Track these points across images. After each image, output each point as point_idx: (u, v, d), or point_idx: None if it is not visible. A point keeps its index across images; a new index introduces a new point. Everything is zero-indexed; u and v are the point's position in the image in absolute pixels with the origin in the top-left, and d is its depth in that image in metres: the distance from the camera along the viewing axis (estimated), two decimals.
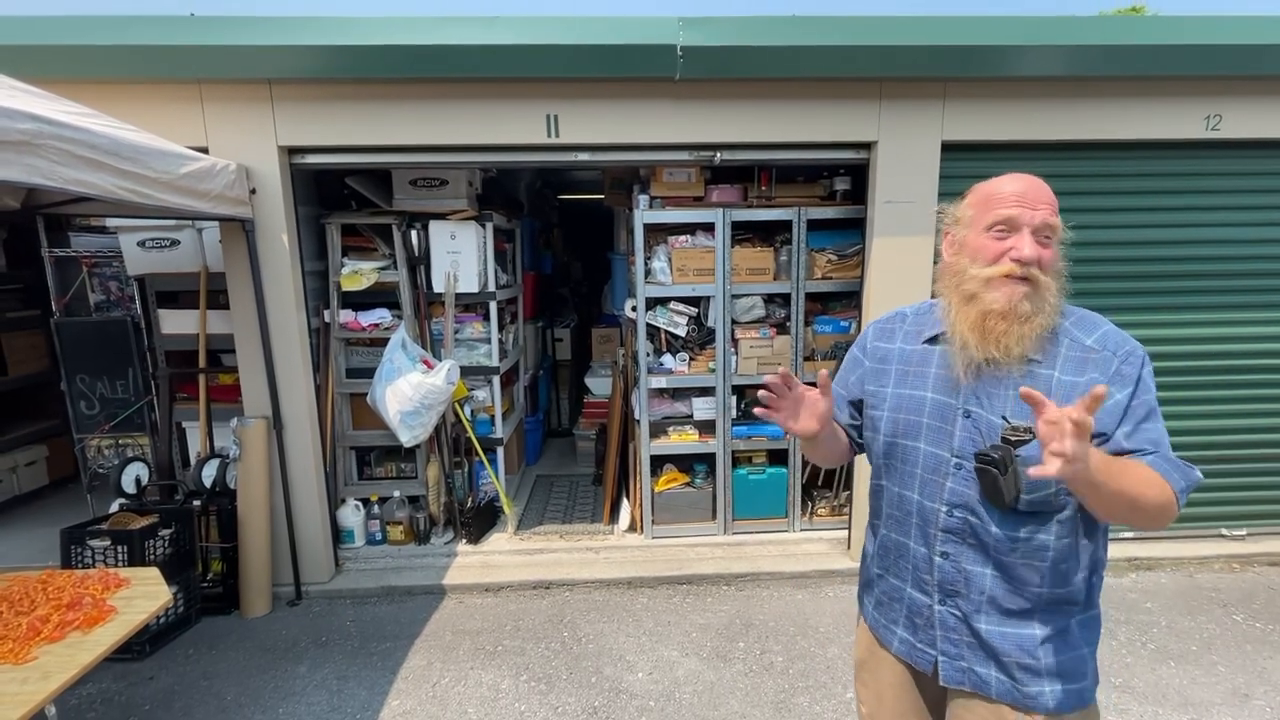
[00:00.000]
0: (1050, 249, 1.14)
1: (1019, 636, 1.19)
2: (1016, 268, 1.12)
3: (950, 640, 1.25)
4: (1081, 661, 1.21)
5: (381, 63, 2.89)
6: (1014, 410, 1.14)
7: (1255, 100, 3.19)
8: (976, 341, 1.15)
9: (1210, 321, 3.48)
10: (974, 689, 1.24)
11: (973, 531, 1.20)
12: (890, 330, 1.37)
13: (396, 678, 2.71)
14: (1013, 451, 1.10)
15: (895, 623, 1.35)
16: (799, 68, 2.97)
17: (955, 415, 1.21)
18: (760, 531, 3.79)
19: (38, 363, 4.63)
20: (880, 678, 1.40)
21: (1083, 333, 1.17)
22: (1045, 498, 1.13)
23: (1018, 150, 3.27)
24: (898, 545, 1.32)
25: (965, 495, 1.19)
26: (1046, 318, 1.14)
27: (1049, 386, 1.14)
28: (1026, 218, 1.12)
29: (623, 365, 4.26)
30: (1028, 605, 1.19)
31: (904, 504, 1.29)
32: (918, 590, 1.29)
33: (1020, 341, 1.13)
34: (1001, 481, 1.10)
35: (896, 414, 1.29)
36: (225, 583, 3.22)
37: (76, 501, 4.16)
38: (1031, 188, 1.15)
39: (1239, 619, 3.06)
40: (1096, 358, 1.14)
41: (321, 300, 3.63)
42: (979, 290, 1.15)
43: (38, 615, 1.82)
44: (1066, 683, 1.19)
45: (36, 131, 1.83)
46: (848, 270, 3.57)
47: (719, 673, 2.72)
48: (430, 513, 3.79)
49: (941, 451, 1.22)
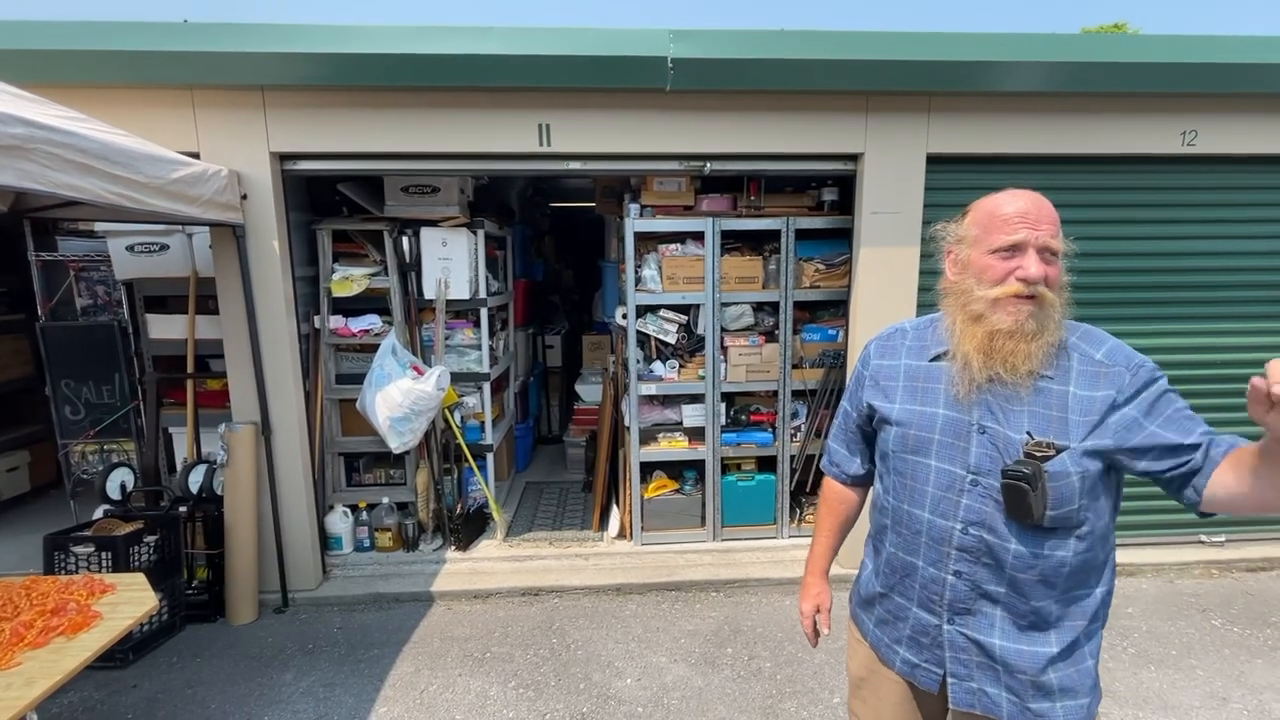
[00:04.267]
0: (1055, 266, 1.14)
1: (1034, 654, 1.18)
2: (1024, 288, 1.12)
3: (960, 661, 1.24)
4: (1088, 675, 1.21)
5: (374, 71, 2.91)
6: (1034, 426, 1.14)
7: (1229, 117, 3.28)
8: (981, 361, 1.15)
9: (1187, 332, 3.56)
10: (984, 711, 1.23)
11: (989, 550, 1.18)
12: (893, 347, 1.36)
13: (384, 685, 2.70)
14: (1042, 466, 1.10)
15: (899, 642, 1.33)
16: (787, 80, 3.03)
17: (970, 431, 1.19)
18: (749, 538, 3.81)
19: (22, 367, 4.58)
20: (881, 696, 1.39)
21: (1091, 347, 1.17)
22: (1068, 513, 1.12)
23: (1001, 163, 3.34)
24: (905, 565, 1.29)
25: (982, 512, 1.18)
26: (1053, 334, 1.14)
27: (1065, 401, 1.14)
28: (1032, 239, 1.12)
29: (613, 372, 4.28)
30: (1043, 622, 1.18)
31: (913, 522, 1.27)
32: (925, 610, 1.27)
33: (1028, 359, 1.13)
34: (1032, 497, 1.09)
35: (906, 430, 1.27)
36: (211, 590, 3.19)
37: (60, 508, 4.11)
38: (1034, 206, 1.14)
39: (1218, 624, 3.11)
40: (1108, 373, 1.14)
41: (312, 306, 3.63)
42: (985, 311, 1.15)
43: (22, 620, 1.80)
44: (1076, 698, 1.19)
45: (27, 136, 1.84)
46: (835, 279, 3.62)
47: (707, 678, 2.73)
48: (419, 519, 3.78)
49: (955, 468, 1.20)
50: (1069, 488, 1.11)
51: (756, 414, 3.75)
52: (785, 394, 3.67)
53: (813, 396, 3.71)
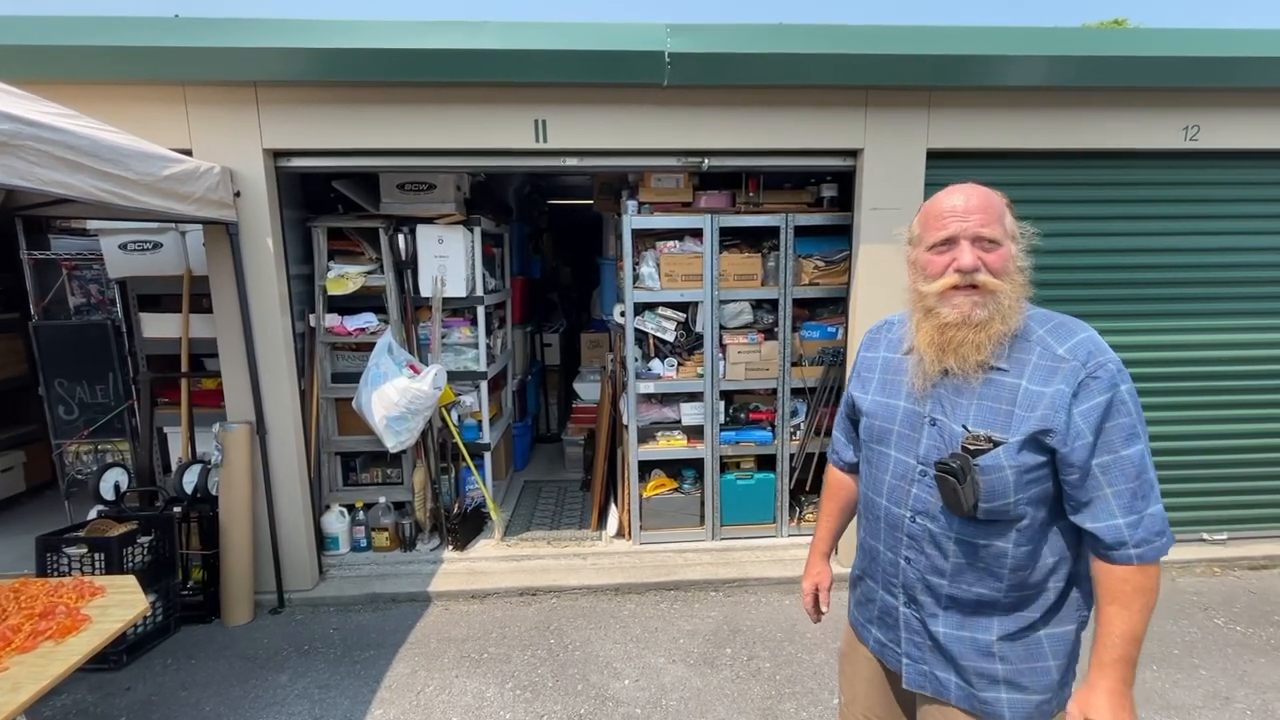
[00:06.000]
0: (995, 254, 1.14)
1: (975, 641, 1.21)
2: (960, 278, 1.15)
3: (914, 643, 1.29)
4: (1045, 674, 1.20)
5: (369, 66, 2.88)
6: (975, 419, 1.16)
7: (1232, 111, 3.25)
8: (933, 354, 1.19)
9: (1191, 328, 3.53)
10: (934, 694, 1.26)
11: (932, 538, 1.22)
12: (875, 340, 1.42)
13: (380, 686, 2.67)
14: (971, 460, 1.12)
15: (871, 622, 1.40)
16: (786, 75, 2.99)
17: (923, 423, 1.23)
18: (748, 537, 3.79)
19: (15, 367, 4.55)
20: (857, 672, 1.46)
21: (1056, 341, 1.15)
22: (1004, 506, 1.13)
23: (1001, 158, 3.31)
24: (870, 549, 1.37)
25: (927, 502, 1.22)
26: (1005, 322, 1.14)
27: (1015, 395, 1.14)
28: (961, 230, 1.15)
29: (611, 370, 4.25)
30: (986, 611, 1.21)
31: (873, 508, 1.34)
32: (887, 592, 1.33)
33: (978, 349, 1.15)
34: (960, 490, 1.12)
35: (873, 420, 1.33)
36: (206, 590, 3.17)
37: (54, 508, 4.09)
38: (966, 198, 1.16)
39: (1220, 622, 3.09)
40: (1065, 367, 1.11)
41: (307, 304, 3.60)
42: (935, 305, 1.19)
43: (9, 625, 1.78)
44: (1025, 693, 1.19)
45: (14, 132, 1.81)
46: (835, 276, 3.59)
47: (706, 679, 2.71)
48: (416, 519, 3.76)
49: (908, 459, 1.25)
50: (1002, 481, 1.12)
51: (755, 412, 3.73)
52: (784, 392, 3.65)
53: (812, 394, 3.68)
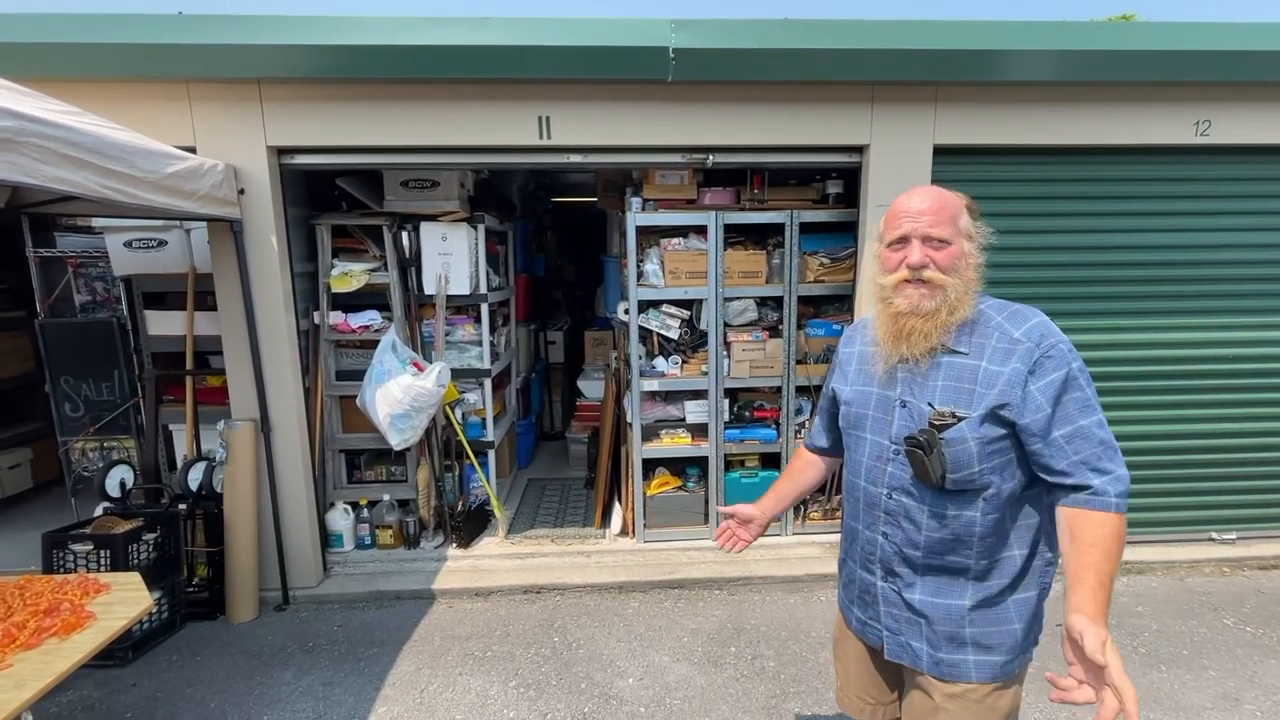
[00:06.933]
0: (944, 252, 1.25)
1: (948, 607, 1.30)
2: (909, 273, 1.27)
3: (892, 616, 1.38)
4: (1010, 635, 1.29)
5: (372, 63, 2.87)
6: (940, 398, 1.26)
7: (1243, 106, 3.21)
8: (890, 343, 1.30)
9: (1202, 326, 3.49)
10: (910, 664, 1.36)
11: (907, 512, 1.32)
12: (851, 337, 1.53)
13: (384, 684, 2.68)
14: (937, 434, 1.22)
15: (853, 602, 1.48)
16: (791, 71, 2.97)
17: (894, 406, 1.33)
18: None
19: (22, 364, 4.57)
20: (847, 653, 1.57)
21: (1013, 326, 1.26)
22: (969, 476, 1.23)
23: (1009, 155, 3.28)
24: (851, 530, 1.46)
25: (901, 479, 1.32)
26: (952, 313, 1.25)
27: (976, 375, 1.24)
28: (912, 229, 1.27)
29: (615, 368, 4.24)
30: (958, 578, 1.30)
31: (853, 490, 1.43)
32: (865, 570, 1.42)
33: (926, 337, 1.26)
34: (928, 461, 1.22)
35: (849, 408, 1.42)
36: (211, 587, 3.18)
37: (61, 505, 4.11)
38: (921, 200, 1.28)
39: (1229, 623, 3.06)
40: (1020, 349, 1.22)
41: (311, 302, 3.60)
42: (890, 295, 1.30)
43: (14, 621, 1.78)
44: (989, 654, 1.29)
45: (18, 129, 1.80)
46: (840, 274, 3.56)
47: (710, 678, 2.70)
48: (420, 516, 3.76)
49: (883, 440, 1.35)
50: (966, 453, 1.22)
51: (760, 410, 3.71)
52: (789, 390, 3.63)
53: (817, 392, 3.66)
